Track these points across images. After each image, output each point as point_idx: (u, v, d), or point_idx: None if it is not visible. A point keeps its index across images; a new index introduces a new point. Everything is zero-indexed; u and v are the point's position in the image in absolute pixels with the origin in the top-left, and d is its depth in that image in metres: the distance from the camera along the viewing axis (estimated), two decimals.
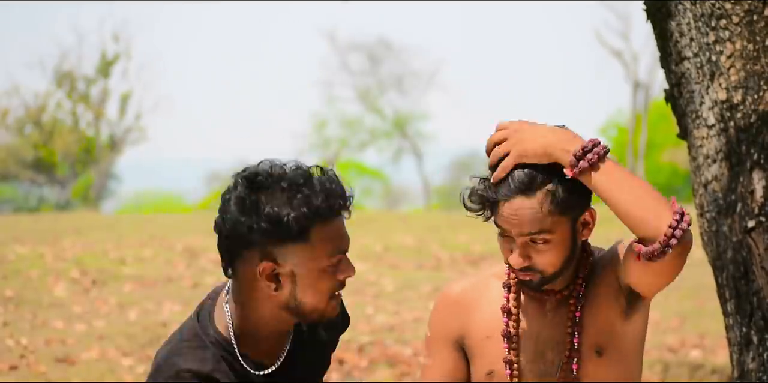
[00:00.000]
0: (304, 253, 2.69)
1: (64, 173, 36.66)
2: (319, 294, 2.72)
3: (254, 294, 2.74)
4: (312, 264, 2.70)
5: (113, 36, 37.64)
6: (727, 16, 3.87)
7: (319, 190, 2.68)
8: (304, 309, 2.74)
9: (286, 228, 2.65)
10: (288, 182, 2.68)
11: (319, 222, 2.67)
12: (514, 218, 2.75)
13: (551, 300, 2.89)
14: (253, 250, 2.69)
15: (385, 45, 44.31)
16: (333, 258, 2.71)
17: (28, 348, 8.19)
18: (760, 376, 3.85)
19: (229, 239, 2.71)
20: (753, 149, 3.86)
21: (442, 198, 45.65)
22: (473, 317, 2.92)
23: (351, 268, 2.75)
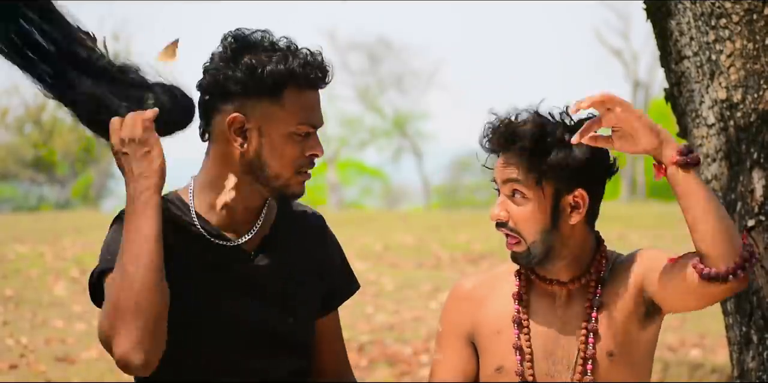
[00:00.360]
0: (275, 113, 2.75)
1: (64, 173, 36.65)
2: (282, 159, 2.76)
3: (224, 149, 2.78)
4: (280, 126, 2.75)
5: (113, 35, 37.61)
6: (726, 15, 3.87)
7: (301, 57, 2.76)
8: (268, 172, 2.76)
9: (260, 81, 2.73)
10: (273, 44, 2.77)
11: (293, 85, 2.74)
12: (502, 165, 2.79)
13: (561, 295, 2.88)
14: (228, 103, 2.76)
15: (384, 44, 44.33)
16: (301, 127, 2.75)
17: (28, 348, 8.19)
18: (760, 375, 3.85)
19: (207, 93, 2.79)
20: (753, 148, 3.86)
21: (442, 197, 45.69)
22: (484, 312, 2.92)
23: (319, 147, 2.79)
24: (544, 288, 2.89)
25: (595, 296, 2.85)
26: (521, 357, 2.86)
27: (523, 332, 2.86)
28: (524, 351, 2.86)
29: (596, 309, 2.84)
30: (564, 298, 2.88)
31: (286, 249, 2.88)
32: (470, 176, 46.79)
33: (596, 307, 2.84)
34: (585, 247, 2.87)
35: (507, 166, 2.79)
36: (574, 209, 2.82)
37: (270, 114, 2.75)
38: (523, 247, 2.80)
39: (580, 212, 2.82)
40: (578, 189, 2.82)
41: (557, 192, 2.79)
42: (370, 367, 8.23)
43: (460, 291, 2.97)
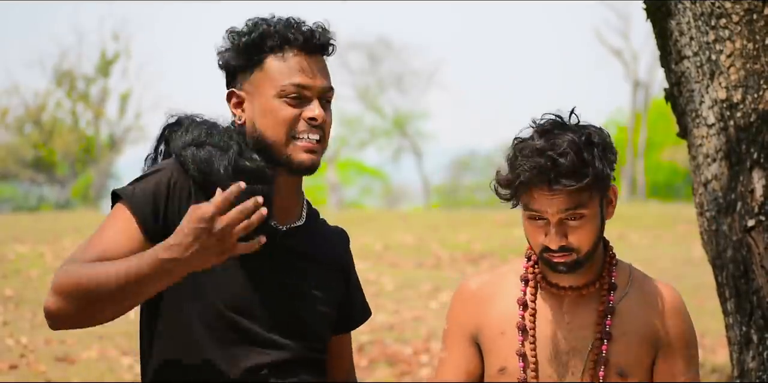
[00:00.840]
0: (259, 79, 2.79)
1: (63, 173, 36.65)
2: (274, 124, 2.77)
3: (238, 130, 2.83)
4: (265, 90, 2.79)
5: (113, 35, 37.63)
6: (726, 15, 3.87)
7: (282, 22, 2.81)
8: (266, 141, 2.77)
9: (239, 53, 2.80)
10: (262, 20, 2.83)
11: (272, 49, 2.79)
12: (551, 196, 2.73)
13: (569, 299, 2.86)
14: (231, 85, 2.84)
15: (384, 44, 44.32)
16: (285, 87, 2.76)
17: (28, 348, 8.18)
18: (760, 375, 3.85)
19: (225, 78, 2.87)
20: (753, 148, 3.86)
21: (441, 197, 45.69)
22: (489, 312, 2.91)
23: (318, 110, 2.78)
24: (553, 293, 2.88)
25: (608, 303, 2.84)
26: (524, 364, 2.85)
27: (528, 340, 2.85)
28: (528, 358, 2.85)
29: (609, 316, 2.83)
30: (571, 304, 2.87)
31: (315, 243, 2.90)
32: (470, 175, 46.81)
33: (609, 314, 2.83)
34: (599, 249, 2.87)
35: (556, 196, 2.73)
36: (608, 204, 2.83)
37: (256, 82, 2.80)
38: (573, 256, 2.78)
39: (613, 205, 2.84)
40: (611, 186, 2.83)
41: (601, 199, 2.80)
42: (370, 367, 8.23)
43: (466, 290, 2.97)
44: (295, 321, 2.83)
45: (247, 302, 2.78)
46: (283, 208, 2.84)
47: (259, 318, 2.78)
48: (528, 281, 2.90)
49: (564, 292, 2.86)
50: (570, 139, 2.74)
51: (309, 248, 2.88)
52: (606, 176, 2.76)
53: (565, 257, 2.77)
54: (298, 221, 2.88)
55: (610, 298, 2.84)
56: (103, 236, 2.72)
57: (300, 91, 2.78)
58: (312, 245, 2.89)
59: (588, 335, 2.83)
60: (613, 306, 2.84)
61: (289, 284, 2.83)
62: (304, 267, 2.86)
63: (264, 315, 2.79)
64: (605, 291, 2.85)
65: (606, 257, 2.88)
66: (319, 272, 2.90)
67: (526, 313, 2.86)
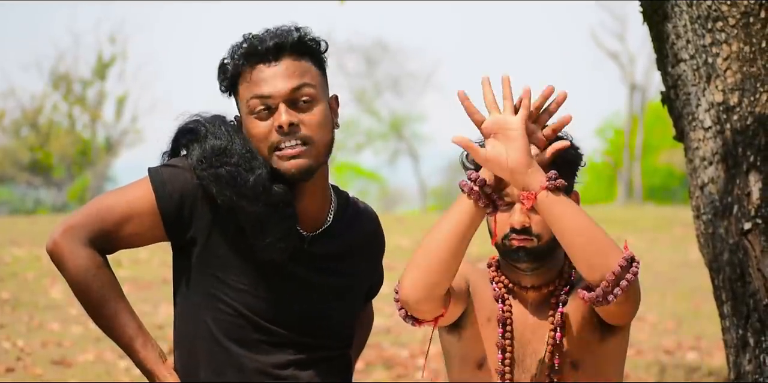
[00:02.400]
0: (240, 101, 2.82)
1: (60, 176, 36.63)
2: (256, 142, 2.79)
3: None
4: (242, 112, 2.83)
5: (110, 37, 37.62)
6: (723, 18, 3.88)
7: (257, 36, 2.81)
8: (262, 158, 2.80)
9: (223, 74, 2.82)
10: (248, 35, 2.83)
11: (246, 67, 2.79)
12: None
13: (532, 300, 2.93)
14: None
15: (381, 47, 44.32)
16: (252, 101, 2.78)
17: (24, 351, 8.18)
18: (757, 378, 3.85)
19: None
20: (749, 151, 3.86)
21: (438, 200, 45.68)
22: (477, 294, 2.94)
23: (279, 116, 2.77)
24: (518, 294, 2.94)
25: (561, 294, 2.90)
26: (502, 357, 2.89)
27: (507, 330, 2.89)
28: (506, 353, 2.90)
29: (561, 305, 2.89)
30: (534, 305, 2.93)
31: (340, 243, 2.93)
32: None
33: (562, 303, 2.89)
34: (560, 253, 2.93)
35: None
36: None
37: (240, 103, 2.83)
38: (534, 244, 2.85)
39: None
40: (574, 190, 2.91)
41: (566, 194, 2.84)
42: (366, 370, 8.23)
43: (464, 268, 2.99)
44: (322, 321, 2.87)
45: (271, 306, 2.82)
46: (308, 214, 2.87)
47: (284, 320, 2.83)
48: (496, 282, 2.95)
49: (527, 292, 2.92)
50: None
51: (337, 247, 2.92)
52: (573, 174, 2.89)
53: (526, 241, 2.82)
54: (326, 223, 2.90)
55: (564, 290, 2.90)
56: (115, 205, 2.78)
57: (265, 102, 2.78)
58: (341, 242, 2.93)
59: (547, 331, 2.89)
60: (566, 298, 2.90)
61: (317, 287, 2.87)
62: (333, 267, 2.91)
63: (289, 318, 2.83)
64: (562, 286, 2.91)
65: (566, 261, 2.94)
66: (350, 266, 2.95)
67: (504, 307, 2.91)
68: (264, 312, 2.80)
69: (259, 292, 2.80)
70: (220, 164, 2.74)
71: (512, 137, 2.67)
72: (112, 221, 2.75)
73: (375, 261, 3.07)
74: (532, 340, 2.90)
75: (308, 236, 2.86)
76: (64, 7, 74.00)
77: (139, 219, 2.76)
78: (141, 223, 2.76)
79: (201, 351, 2.82)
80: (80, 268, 2.72)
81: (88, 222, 2.74)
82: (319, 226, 2.89)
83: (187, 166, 2.78)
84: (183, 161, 2.80)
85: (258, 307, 2.80)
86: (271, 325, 2.81)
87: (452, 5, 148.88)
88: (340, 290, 2.91)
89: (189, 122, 2.86)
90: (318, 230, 2.88)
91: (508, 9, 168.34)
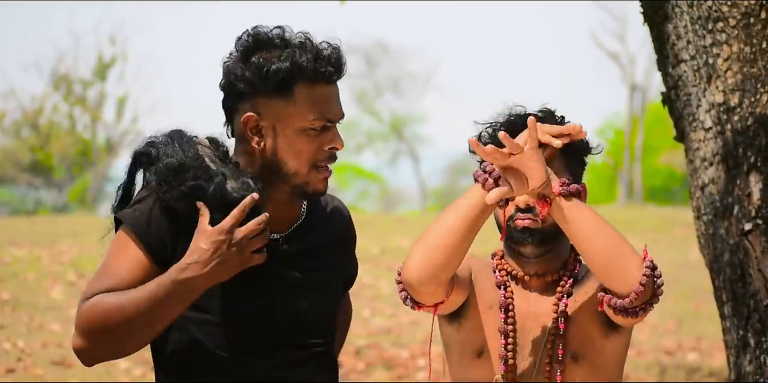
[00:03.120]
0: (286, 109, 2.76)
1: (60, 176, 36.61)
2: (298, 155, 2.77)
3: (244, 148, 2.81)
4: (292, 122, 2.77)
5: (110, 38, 37.60)
6: (723, 18, 3.88)
7: (310, 50, 2.77)
8: (286, 170, 2.78)
9: (267, 79, 2.74)
10: (285, 41, 2.78)
11: (303, 81, 2.76)
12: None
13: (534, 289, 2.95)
14: (245, 103, 2.78)
15: (381, 47, 44.31)
16: (315, 121, 2.76)
17: (25, 351, 8.18)
18: (757, 379, 3.85)
19: (225, 93, 2.82)
20: (750, 152, 3.86)
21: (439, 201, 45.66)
22: (479, 283, 2.96)
23: (338, 140, 2.80)
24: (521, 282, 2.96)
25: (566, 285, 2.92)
26: (505, 342, 2.89)
27: (509, 320, 2.90)
28: (509, 338, 2.91)
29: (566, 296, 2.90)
30: (538, 294, 2.95)
31: (316, 241, 2.91)
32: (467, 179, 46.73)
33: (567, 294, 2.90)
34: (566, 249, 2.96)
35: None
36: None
37: (282, 111, 2.77)
38: (538, 225, 2.87)
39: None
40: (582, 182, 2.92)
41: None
42: (367, 371, 8.23)
43: None
44: (305, 318, 2.86)
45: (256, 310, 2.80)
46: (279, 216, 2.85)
47: (269, 322, 2.81)
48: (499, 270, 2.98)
49: (530, 280, 2.94)
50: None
51: (312, 243, 2.90)
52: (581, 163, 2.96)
53: (530, 221, 2.85)
54: (299, 220, 2.90)
55: (569, 282, 2.92)
56: (116, 266, 2.74)
57: (325, 124, 2.79)
58: (315, 238, 2.91)
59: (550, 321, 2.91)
60: (571, 289, 2.91)
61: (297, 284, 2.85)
62: (310, 263, 2.89)
63: (273, 319, 2.82)
64: (566, 278, 2.93)
65: (571, 254, 2.96)
66: (325, 260, 2.93)
67: (506, 293, 2.93)
68: (249, 316, 2.80)
69: (240, 297, 2.79)
70: (180, 182, 2.73)
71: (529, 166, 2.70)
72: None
73: (349, 253, 3.07)
74: (533, 329, 2.91)
75: (280, 236, 2.85)
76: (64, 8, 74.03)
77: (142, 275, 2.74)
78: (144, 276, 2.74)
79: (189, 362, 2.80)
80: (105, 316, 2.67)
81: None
82: (293, 223, 2.88)
83: (151, 195, 2.76)
84: (144, 193, 2.79)
85: (242, 312, 2.80)
86: (256, 329, 2.80)
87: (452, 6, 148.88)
88: (319, 285, 2.90)
89: (141, 148, 2.86)
90: (291, 228, 2.87)
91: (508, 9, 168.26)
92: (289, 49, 2.76)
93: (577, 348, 2.89)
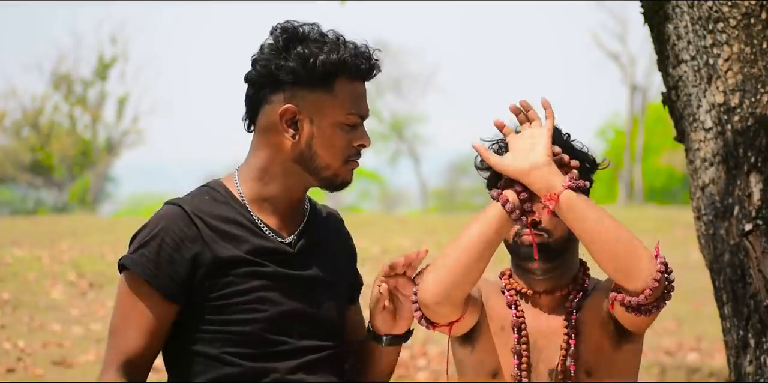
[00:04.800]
0: (326, 103, 2.77)
1: (61, 176, 36.63)
2: (333, 149, 2.79)
3: (273, 140, 2.80)
4: (331, 116, 2.78)
5: (111, 38, 37.64)
6: (724, 19, 3.88)
7: (351, 48, 2.79)
8: (318, 162, 2.79)
9: (312, 71, 2.75)
10: (322, 35, 2.79)
11: (344, 75, 2.77)
12: None
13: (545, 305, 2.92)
14: (279, 94, 2.77)
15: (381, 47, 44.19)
16: (351, 117, 2.79)
17: (25, 351, 8.18)
18: (757, 379, 3.85)
19: (257, 85, 2.80)
20: (750, 152, 3.86)
21: (439, 201, 45.68)
22: (490, 304, 2.94)
23: (367, 138, 2.83)
24: (532, 299, 2.93)
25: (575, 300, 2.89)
26: (518, 362, 2.87)
27: (522, 340, 2.88)
28: (522, 358, 2.88)
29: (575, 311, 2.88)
30: (548, 311, 2.92)
31: (321, 242, 2.92)
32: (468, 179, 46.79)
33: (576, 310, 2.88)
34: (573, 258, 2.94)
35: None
36: None
37: (321, 104, 2.77)
38: (545, 239, 2.84)
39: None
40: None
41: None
42: None
43: None
44: (317, 319, 2.86)
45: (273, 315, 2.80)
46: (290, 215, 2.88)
47: (286, 325, 2.81)
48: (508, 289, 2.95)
49: (539, 297, 2.91)
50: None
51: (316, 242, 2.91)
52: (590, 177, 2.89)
53: (536, 236, 2.82)
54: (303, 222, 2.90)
55: (577, 296, 2.89)
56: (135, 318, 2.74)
57: (358, 121, 2.81)
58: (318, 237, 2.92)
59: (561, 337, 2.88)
60: (580, 303, 2.89)
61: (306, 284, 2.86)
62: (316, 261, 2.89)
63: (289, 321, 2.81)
64: (576, 292, 2.91)
65: (581, 269, 2.94)
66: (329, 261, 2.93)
67: (517, 312, 2.90)
68: (270, 320, 2.80)
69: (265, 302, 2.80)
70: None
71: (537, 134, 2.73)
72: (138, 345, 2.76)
73: (351, 260, 3.06)
74: (546, 346, 2.88)
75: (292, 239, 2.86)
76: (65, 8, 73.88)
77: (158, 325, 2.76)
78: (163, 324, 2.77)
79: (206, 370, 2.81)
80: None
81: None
82: (299, 223, 2.89)
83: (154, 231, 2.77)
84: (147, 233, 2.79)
85: (266, 316, 2.80)
86: (275, 335, 2.81)
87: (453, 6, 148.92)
88: (326, 283, 2.90)
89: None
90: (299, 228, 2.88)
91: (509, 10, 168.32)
92: (330, 43, 2.78)
93: (591, 363, 2.87)
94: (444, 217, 23.35)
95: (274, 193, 2.83)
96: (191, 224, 2.76)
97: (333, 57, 2.75)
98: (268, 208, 2.84)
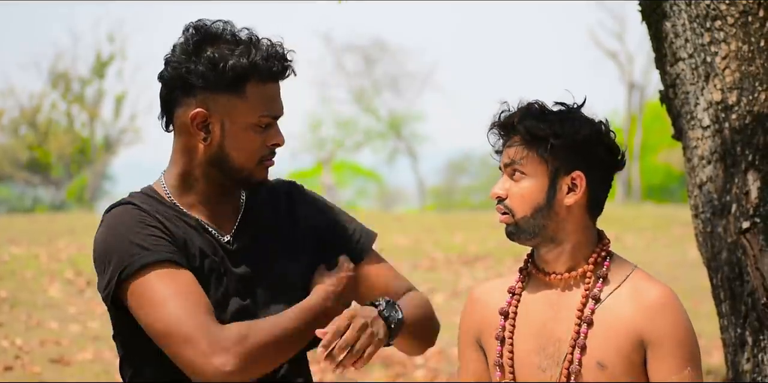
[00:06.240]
0: (237, 106, 2.77)
1: (58, 174, 36.61)
2: (245, 151, 2.79)
3: (187, 144, 2.81)
4: (242, 118, 2.77)
5: (108, 36, 37.60)
6: (722, 17, 3.88)
7: (263, 49, 2.77)
8: (232, 164, 2.79)
9: (222, 75, 2.74)
10: (234, 36, 2.78)
11: (255, 78, 2.76)
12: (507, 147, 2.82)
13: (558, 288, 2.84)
14: (190, 98, 2.76)
15: (380, 46, 44.29)
16: (263, 118, 2.78)
17: (22, 349, 8.18)
18: (755, 377, 3.85)
19: (169, 86, 2.80)
20: (748, 151, 3.86)
21: (437, 199, 45.69)
22: (490, 313, 2.91)
23: (280, 137, 2.82)
24: (542, 280, 2.86)
25: (593, 289, 2.80)
26: (502, 374, 2.86)
27: (509, 322, 2.86)
28: (506, 341, 2.86)
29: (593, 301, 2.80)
30: (561, 294, 2.84)
31: (263, 234, 2.90)
32: (465, 177, 46.84)
33: (595, 301, 2.81)
34: (585, 237, 2.84)
35: (510, 147, 2.81)
36: (571, 190, 2.82)
37: (232, 107, 2.77)
38: (511, 220, 2.81)
39: (577, 194, 2.81)
40: (576, 171, 2.80)
41: (556, 171, 2.79)
42: (365, 369, 8.23)
43: (471, 295, 2.99)
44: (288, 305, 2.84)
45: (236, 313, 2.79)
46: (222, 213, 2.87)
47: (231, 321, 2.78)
48: (514, 293, 2.90)
49: (551, 279, 2.84)
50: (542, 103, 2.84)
51: (259, 234, 2.89)
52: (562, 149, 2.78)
53: (504, 214, 2.81)
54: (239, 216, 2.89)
55: (598, 286, 2.81)
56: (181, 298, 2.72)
57: (271, 121, 2.81)
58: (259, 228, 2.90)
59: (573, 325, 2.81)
60: (598, 295, 2.81)
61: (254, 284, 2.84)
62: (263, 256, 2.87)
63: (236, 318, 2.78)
64: (589, 279, 2.82)
65: (597, 247, 2.85)
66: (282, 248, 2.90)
67: (506, 323, 2.86)
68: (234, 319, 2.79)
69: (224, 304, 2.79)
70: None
71: None
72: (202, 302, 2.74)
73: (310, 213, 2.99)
74: (556, 329, 2.81)
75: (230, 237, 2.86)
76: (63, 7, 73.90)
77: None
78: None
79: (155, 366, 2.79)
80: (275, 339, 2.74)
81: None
82: (236, 218, 2.88)
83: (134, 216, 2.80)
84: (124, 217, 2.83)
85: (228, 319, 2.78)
86: None
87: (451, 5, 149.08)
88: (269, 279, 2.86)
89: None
90: (235, 223, 2.88)
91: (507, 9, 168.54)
92: (242, 45, 2.76)
93: (604, 356, 2.78)
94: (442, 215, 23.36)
95: (200, 197, 2.85)
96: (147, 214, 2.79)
97: (243, 61, 2.74)
98: (202, 210, 2.85)
